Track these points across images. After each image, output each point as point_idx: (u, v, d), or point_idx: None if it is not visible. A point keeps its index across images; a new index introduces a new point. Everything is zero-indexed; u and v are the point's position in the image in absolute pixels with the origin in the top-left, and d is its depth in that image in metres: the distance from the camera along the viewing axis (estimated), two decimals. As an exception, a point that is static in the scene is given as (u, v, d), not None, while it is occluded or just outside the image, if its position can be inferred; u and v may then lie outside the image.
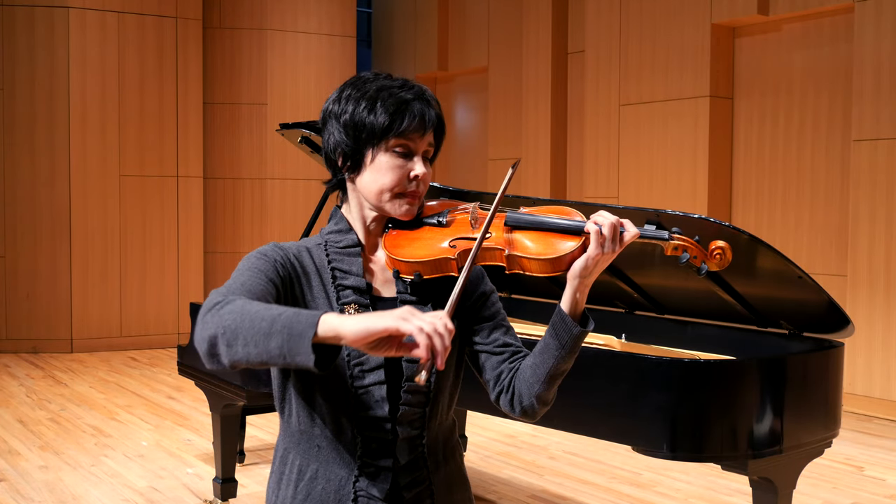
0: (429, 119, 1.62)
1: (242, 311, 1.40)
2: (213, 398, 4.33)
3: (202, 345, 1.42)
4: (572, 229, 1.59)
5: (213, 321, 1.41)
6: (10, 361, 8.31)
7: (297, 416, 1.64)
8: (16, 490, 4.73)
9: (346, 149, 1.64)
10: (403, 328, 1.31)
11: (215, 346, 1.40)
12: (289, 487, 1.64)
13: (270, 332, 1.35)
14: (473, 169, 10.22)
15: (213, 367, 1.46)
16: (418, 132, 1.60)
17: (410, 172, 1.62)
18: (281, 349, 1.34)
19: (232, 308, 1.41)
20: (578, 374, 3.17)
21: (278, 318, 1.35)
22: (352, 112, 1.62)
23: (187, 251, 9.28)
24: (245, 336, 1.37)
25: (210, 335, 1.41)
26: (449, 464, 1.70)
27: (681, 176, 7.60)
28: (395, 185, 1.61)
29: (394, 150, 1.61)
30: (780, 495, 3.03)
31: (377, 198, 1.63)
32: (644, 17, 7.85)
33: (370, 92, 1.62)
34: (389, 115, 1.59)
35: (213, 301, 1.45)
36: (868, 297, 6.46)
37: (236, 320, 1.39)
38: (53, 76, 8.67)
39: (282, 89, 9.71)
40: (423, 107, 1.62)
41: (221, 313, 1.41)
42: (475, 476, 4.95)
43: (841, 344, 3.21)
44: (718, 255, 1.61)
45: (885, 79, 6.35)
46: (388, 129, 1.60)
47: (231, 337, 1.38)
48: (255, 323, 1.37)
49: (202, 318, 1.43)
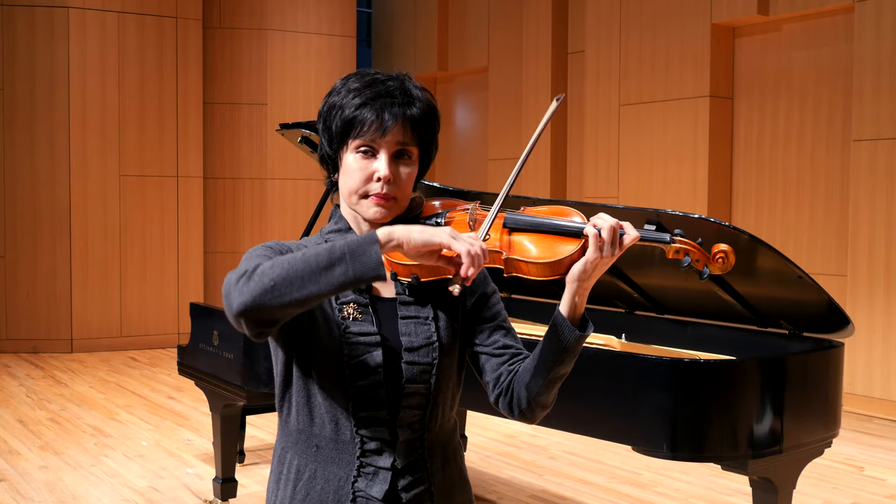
0: (390, 116, 1.58)
1: (287, 261, 1.42)
2: (213, 398, 4.33)
3: (247, 310, 1.41)
4: (572, 231, 1.57)
5: (254, 282, 1.42)
6: (10, 361, 8.31)
7: (295, 416, 1.64)
8: (16, 490, 4.73)
9: (325, 151, 1.66)
10: (454, 246, 1.43)
11: (265, 303, 1.41)
12: (287, 487, 1.64)
13: (330, 262, 1.41)
14: (473, 169, 10.22)
15: (258, 332, 1.45)
16: (378, 132, 1.58)
17: (374, 173, 1.59)
18: (346, 273, 1.40)
19: (271, 264, 1.43)
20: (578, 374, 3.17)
21: (334, 248, 1.42)
22: (325, 114, 1.64)
23: (187, 251, 9.28)
24: (302, 276, 1.40)
25: (256, 294, 1.41)
26: (450, 465, 1.69)
27: (681, 176, 7.60)
28: (359, 187, 1.60)
29: (358, 150, 1.60)
30: (780, 495, 3.03)
31: (348, 200, 1.63)
32: (644, 17, 7.85)
33: (342, 93, 1.62)
34: (350, 113, 1.59)
35: (240, 272, 1.45)
36: (868, 297, 6.46)
37: (286, 268, 1.41)
38: (53, 76, 8.67)
39: (282, 89, 9.70)
40: (385, 104, 1.58)
41: (260, 273, 1.42)
42: (475, 476, 4.95)
43: (841, 344, 3.21)
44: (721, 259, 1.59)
45: (885, 79, 6.35)
46: (348, 129, 1.60)
47: (284, 284, 1.41)
48: (308, 262, 1.41)
49: (235, 287, 1.43)
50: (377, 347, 1.59)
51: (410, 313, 1.63)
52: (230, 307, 1.44)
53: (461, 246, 1.43)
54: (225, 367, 4.10)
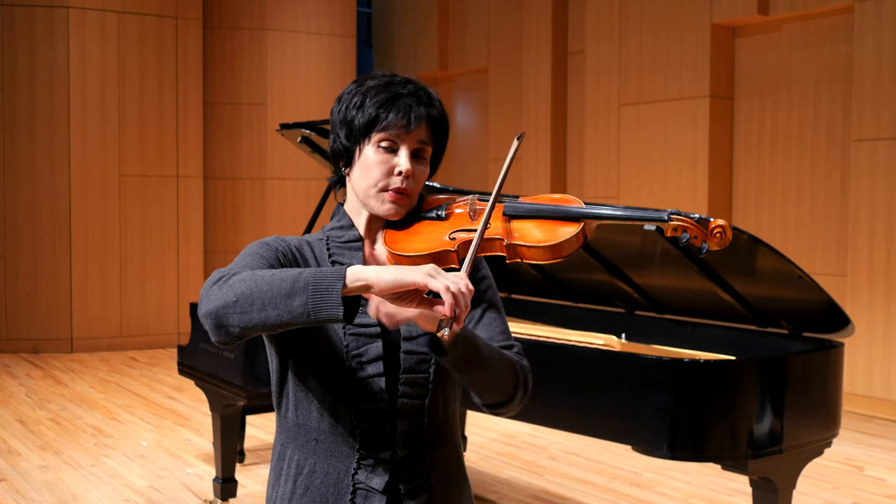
0: (415, 115, 1.62)
1: (256, 278, 1.42)
2: (213, 398, 4.33)
3: (209, 318, 1.43)
4: (570, 215, 1.60)
5: (222, 292, 1.43)
6: (10, 361, 8.31)
7: (294, 411, 1.64)
8: (16, 490, 4.73)
9: (340, 145, 1.67)
10: (431, 285, 1.35)
11: (226, 316, 1.41)
12: (287, 483, 1.64)
13: (293, 290, 1.37)
14: (473, 169, 10.22)
15: (220, 340, 1.46)
16: (403, 128, 1.61)
17: (395, 168, 1.62)
18: (305, 306, 1.36)
19: (242, 277, 1.43)
20: (578, 374, 3.18)
21: (300, 277, 1.38)
22: (345, 109, 1.65)
23: (187, 251, 9.28)
24: (263, 299, 1.39)
25: (220, 305, 1.42)
26: (449, 458, 1.70)
27: (681, 176, 7.60)
28: (379, 180, 1.62)
29: (379, 144, 1.62)
30: (780, 495, 3.03)
31: (364, 193, 1.64)
32: (644, 17, 7.85)
33: (363, 89, 1.64)
34: (375, 110, 1.61)
35: (218, 275, 1.46)
36: (868, 297, 6.46)
37: (251, 286, 1.40)
38: (53, 76, 8.67)
39: (282, 89, 9.70)
40: (410, 103, 1.62)
41: (231, 283, 1.43)
42: (475, 476, 4.95)
43: (841, 344, 3.21)
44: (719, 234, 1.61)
45: (885, 79, 6.35)
46: (373, 123, 1.61)
47: (246, 303, 1.40)
48: (273, 285, 1.39)
49: (207, 291, 1.45)
50: (377, 339, 1.60)
51: None
52: (199, 310, 1.46)
53: (439, 284, 1.34)
54: (225, 366, 4.10)
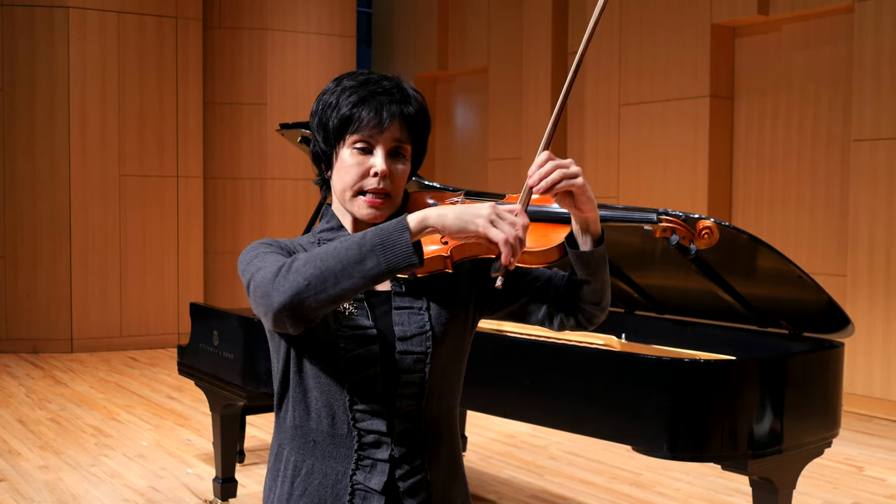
0: (388, 113, 1.59)
1: (317, 257, 1.44)
2: (213, 398, 4.33)
3: (286, 309, 1.44)
4: (561, 218, 1.60)
5: (289, 281, 1.43)
6: (10, 361, 8.31)
7: (292, 412, 1.64)
8: (16, 490, 4.73)
9: (319, 149, 1.66)
10: (492, 235, 1.41)
11: (302, 301, 1.43)
12: (285, 484, 1.64)
13: (361, 256, 1.41)
14: (473, 169, 10.22)
15: (295, 327, 1.47)
16: (376, 127, 1.58)
17: (371, 169, 1.60)
18: (379, 266, 1.40)
19: (304, 261, 1.44)
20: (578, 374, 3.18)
21: (364, 241, 1.41)
22: (321, 111, 1.64)
23: (187, 251, 9.28)
24: (335, 273, 1.41)
25: (293, 293, 1.43)
26: (447, 457, 1.69)
27: (681, 176, 7.60)
28: (355, 182, 1.60)
29: (354, 146, 1.60)
30: (780, 495, 3.03)
31: (342, 196, 1.63)
32: (644, 17, 7.85)
33: (338, 89, 1.63)
34: (348, 110, 1.59)
35: (274, 269, 1.46)
36: (868, 297, 6.46)
37: (318, 265, 1.43)
38: (53, 76, 8.67)
39: (282, 89, 9.70)
40: (383, 101, 1.60)
41: (294, 269, 1.44)
42: (475, 476, 4.95)
43: (841, 344, 3.21)
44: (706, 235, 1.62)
45: (885, 79, 6.35)
46: (346, 125, 1.60)
47: (319, 283, 1.42)
48: (339, 256, 1.42)
49: (272, 285, 1.45)
50: (373, 341, 1.60)
51: (404, 304, 1.64)
52: (271, 305, 1.45)
53: (498, 235, 1.41)
54: (225, 366, 4.10)
